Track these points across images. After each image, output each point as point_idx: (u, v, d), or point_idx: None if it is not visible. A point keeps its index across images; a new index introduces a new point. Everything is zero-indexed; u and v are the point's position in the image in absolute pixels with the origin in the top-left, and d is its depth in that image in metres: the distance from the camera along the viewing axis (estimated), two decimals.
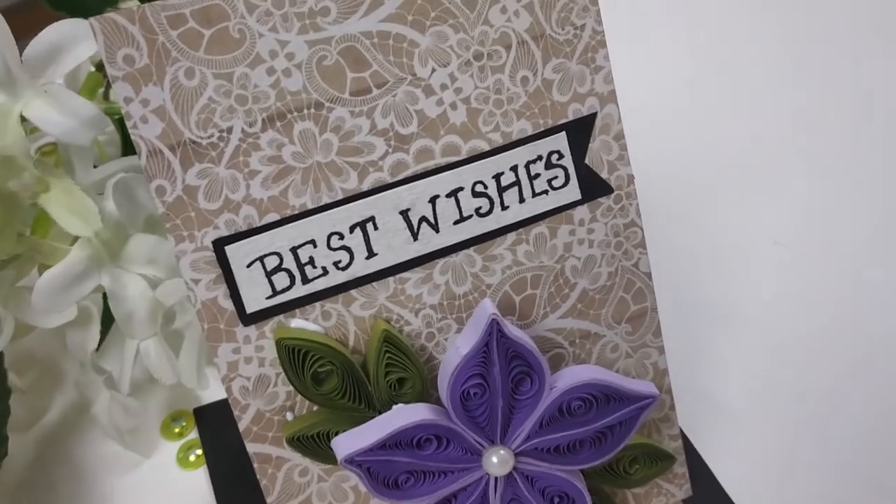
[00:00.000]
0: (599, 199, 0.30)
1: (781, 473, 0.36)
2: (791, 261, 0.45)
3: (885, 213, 0.47)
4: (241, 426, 0.28)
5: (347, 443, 0.27)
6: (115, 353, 0.36)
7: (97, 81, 0.39)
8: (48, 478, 0.38)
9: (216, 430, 0.38)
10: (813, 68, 0.57)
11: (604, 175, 0.30)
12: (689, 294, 0.44)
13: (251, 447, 0.28)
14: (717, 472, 0.36)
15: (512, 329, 0.27)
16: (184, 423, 0.39)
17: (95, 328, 0.36)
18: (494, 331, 0.27)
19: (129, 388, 0.35)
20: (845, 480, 0.36)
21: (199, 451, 0.38)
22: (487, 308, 0.27)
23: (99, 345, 0.37)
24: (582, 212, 0.30)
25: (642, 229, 0.31)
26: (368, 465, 0.27)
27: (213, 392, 0.39)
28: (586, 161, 0.29)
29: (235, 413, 0.28)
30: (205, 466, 0.37)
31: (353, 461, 0.27)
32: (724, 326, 0.42)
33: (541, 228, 0.29)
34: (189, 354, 0.37)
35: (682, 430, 0.37)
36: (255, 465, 0.29)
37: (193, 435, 0.39)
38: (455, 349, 0.28)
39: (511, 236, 0.29)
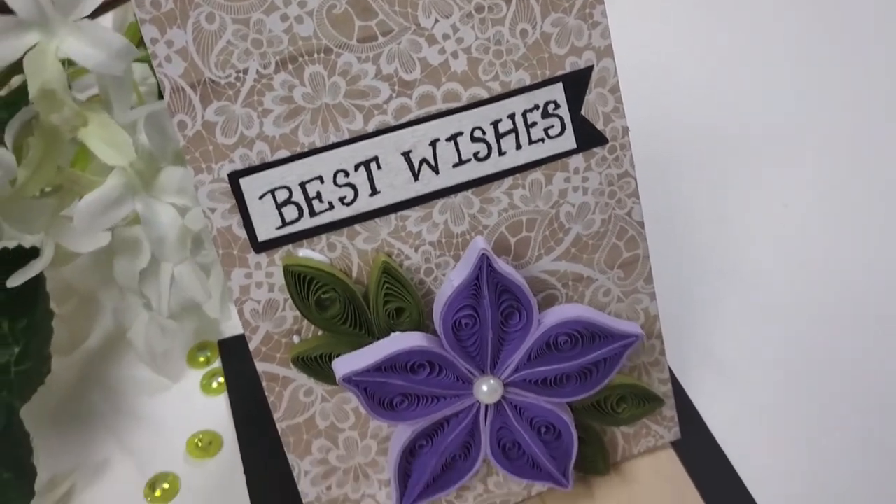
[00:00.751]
0: (594, 149, 0.31)
1: (771, 424, 0.38)
2: (798, 223, 0.46)
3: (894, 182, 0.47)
4: (252, 346, 0.31)
5: (346, 364, 0.30)
6: (152, 280, 0.39)
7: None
8: (86, 397, 0.41)
9: (237, 361, 0.41)
10: (831, 32, 0.57)
11: (599, 126, 0.31)
12: (694, 248, 0.45)
13: (260, 366, 0.31)
14: (707, 419, 0.38)
15: (501, 265, 0.29)
16: (209, 353, 0.42)
17: (146, 254, 0.39)
18: (484, 265, 0.29)
19: (168, 309, 0.38)
20: (834, 432, 0.37)
21: (221, 379, 0.41)
22: (479, 244, 0.29)
23: None
24: (577, 160, 0.31)
25: (636, 179, 0.32)
26: (365, 385, 0.30)
27: (236, 326, 0.42)
28: (582, 112, 0.31)
29: (246, 334, 0.30)
30: (226, 393, 0.40)
31: (350, 380, 0.29)
32: (725, 281, 0.43)
33: (537, 174, 0.31)
34: (214, 287, 0.40)
35: (675, 377, 0.39)
36: (264, 384, 0.31)
37: (217, 364, 0.42)
38: (448, 282, 0.30)
39: (508, 180, 0.31)
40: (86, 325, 0.44)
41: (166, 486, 0.37)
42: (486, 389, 0.31)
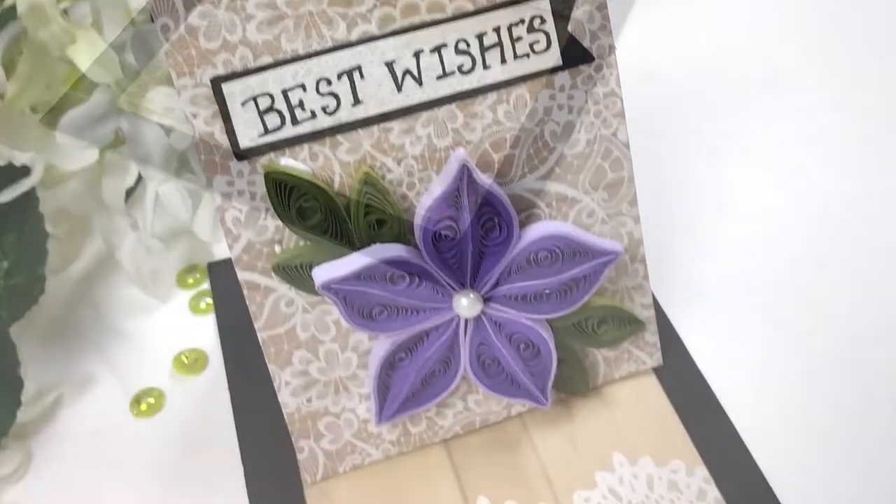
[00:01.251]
0: (580, 67, 0.31)
1: (753, 352, 0.38)
2: (786, 154, 0.46)
3: (891, 121, 0.47)
4: (234, 254, 0.31)
5: (326, 271, 0.30)
6: (139, 201, 0.40)
7: None
8: (75, 315, 0.41)
9: (225, 283, 0.41)
10: None
11: (585, 43, 0.31)
12: (682, 177, 0.45)
13: (242, 275, 0.31)
14: (689, 346, 0.38)
15: (482, 176, 0.29)
16: (197, 275, 0.42)
17: (133, 174, 0.39)
18: (465, 176, 0.29)
19: (151, 228, 0.38)
20: (817, 359, 0.37)
21: (210, 300, 0.41)
22: (460, 154, 0.29)
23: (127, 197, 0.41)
24: (562, 78, 0.31)
25: (622, 99, 0.32)
26: (344, 293, 0.30)
27: (225, 249, 0.42)
28: (569, 28, 0.31)
29: (228, 242, 0.31)
30: (213, 313, 0.41)
31: (329, 288, 0.30)
32: (711, 210, 0.43)
33: (521, 91, 0.31)
34: (206, 210, 0.40)
35: (658, 304, 0.39)
36: (245, 293, 0.31)
37: (206, 286, 0.42)
38: (429, 193, 0.30)
39: (492, 96, 0.31)
40: (76, 246, 0.44)
41: (151, 400, 0.37)
42: (466, 303, 0.31)
